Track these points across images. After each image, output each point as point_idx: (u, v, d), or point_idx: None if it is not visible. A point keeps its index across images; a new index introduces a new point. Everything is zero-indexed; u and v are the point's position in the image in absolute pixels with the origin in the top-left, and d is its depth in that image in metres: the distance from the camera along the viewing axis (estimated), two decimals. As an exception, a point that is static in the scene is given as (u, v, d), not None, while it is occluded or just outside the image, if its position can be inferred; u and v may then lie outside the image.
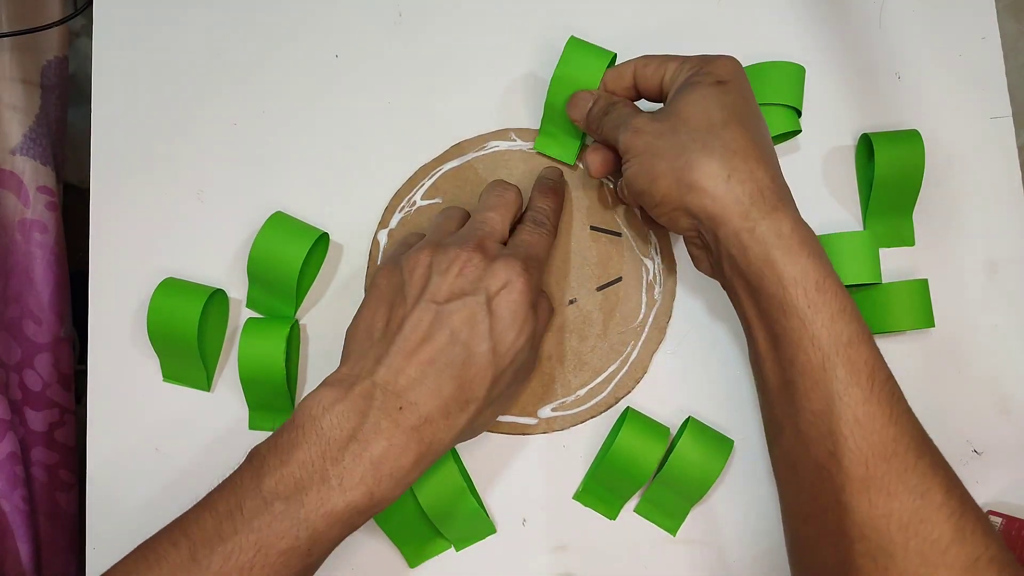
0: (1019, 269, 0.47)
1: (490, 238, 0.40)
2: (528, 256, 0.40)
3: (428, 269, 0.39)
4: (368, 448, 0.35)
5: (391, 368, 0.37)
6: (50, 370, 0.57)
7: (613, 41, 0.49)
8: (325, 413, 0.36)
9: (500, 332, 0.38)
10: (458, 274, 0.38)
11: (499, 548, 0.46)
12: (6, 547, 0.52)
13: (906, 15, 0.49)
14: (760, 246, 0.36)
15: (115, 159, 0.49)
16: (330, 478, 0.35)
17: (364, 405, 0.36)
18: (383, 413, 0.36)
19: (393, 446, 0.36)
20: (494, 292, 0.38)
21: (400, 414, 0.36)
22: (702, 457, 0.43)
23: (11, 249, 0.56)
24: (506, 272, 0.38)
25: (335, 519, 0.35)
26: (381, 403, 0.36)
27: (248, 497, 0.35)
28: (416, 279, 0.39)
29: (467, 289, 0.38)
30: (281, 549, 0.34)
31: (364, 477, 0.35)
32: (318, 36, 0.50)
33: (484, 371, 0.37)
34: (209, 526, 0.34)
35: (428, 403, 0.36)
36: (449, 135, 0.48)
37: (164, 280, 0.45)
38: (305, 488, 0.35)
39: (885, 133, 0.46)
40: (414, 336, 0.37)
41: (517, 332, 0.38)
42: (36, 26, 0.54)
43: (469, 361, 0.37)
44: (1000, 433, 0.46)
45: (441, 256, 0.39)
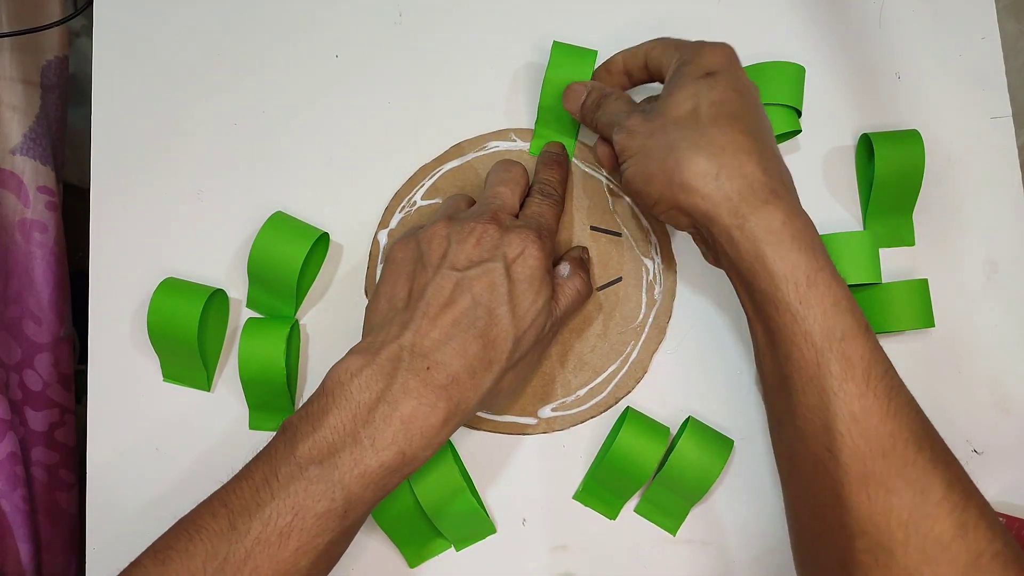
0: (1019, 269, 0.47)
1: (502, 211, 0.42)
2: (540, 226, 0.41)
3: (446, 239, 0.40)
4: (398, 408, 0.36)
5: (417, 331, 0.38)
6: (50, 370, 0.57)
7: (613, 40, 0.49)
8: (353, 378, 0.37)
9: (519, 295, 0.39)
10: (476, 243, 0.40)
11: (499, 548, 0.46)
12: (6, 547, 0.52)
13: (906, 15, 0.49)
14: (750, 242, 0.36)
15: (115, 159, 0.49)
16: (362, 439, 0.35)
17: (391, 367, 0.37)
18: (411, 373, 0.37)
19: (422, 404, 0.36)
20: (512, 259, 0.39)
21: (428, 374, 0.37)
22: (702, 457, 0.43)
23: (11, 249, 0.56)
24: (521, 240, 0.40)
25: (369, 479, 0.35)
26: (408, 364, 0.37)
27: (283, 464, 0.35)
28: (435, 248, 0.40)
29: (485, 256, 0.39)
30: (318, 512, 0.35)
31: (395, 436, 0.36)
32: (318, 36, 0.50)
33: (506, 331, 0.38)
34: (247, 494, 0.35)
35: (454, 362, 0.37)
36: (449, 135, 0.48)
37: (164, 280, 0.45)
38: (338, 451, 0.35)
39: (885, 133, 0.46)
40: (437, 301, 0.38)
41: (535, 294, 0.39)
42: (36, 26, 0.54)
43: (492, 322, 0.38)
44: (1000, 433, 0.46)
45: (458, 227, 0.40)
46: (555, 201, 0.44)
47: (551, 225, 0.43)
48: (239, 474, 0.36)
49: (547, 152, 0.47)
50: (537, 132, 0.48)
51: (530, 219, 0.42)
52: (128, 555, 0.37)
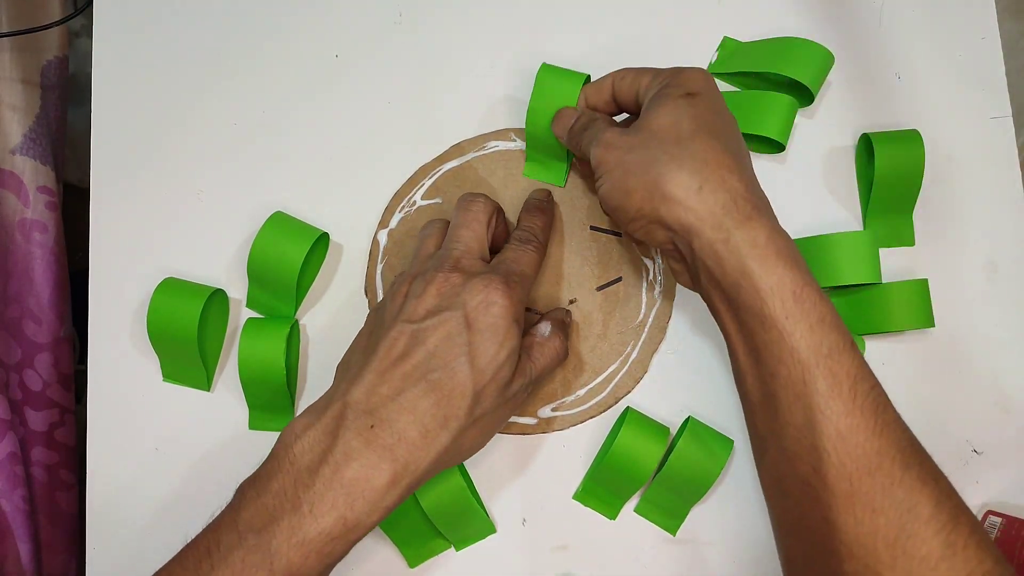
0: (1019, 269, 0.47)
1: (466, 256, 0.40)
2: (510, 272, 0.39)
3: (405, 296, 0.39)
4: (339, 471, 0.35)
5: (364, 387, 0.36)
6: (50, 370, 0.57)
7: (613, 38, 0.49)
8: (297, 440, 0.35)
9: (479, 345, 0.37)
10: (435, 293, 0.38)
11: (499, 548, 0.46)
12: (6, 547, 0.52)
13: (906, 15, 0.49)
14: (735, 256, 0.35)
15: (115, 159, 0.49)
16: (301, 505, 0.34)
17: (335, 426, 0.35)
18: (354, 432, 0.35)
19: (364, 466, 0.35)
20: (472, 307, 0.37)
21: (371, 432, 0.35)
22: (702, 457, 0.43)
23: (11, 249, 0.56)
24: (484, 287, 0.38)
25: (308, 548, 0.34)
26: (352, 422, 0.35)
27: (225, 532, 0.34)
28: (395, 305, 0.39)
29: (444, 306, 0.38)
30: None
31: (336, 502, 0.34)
32: (318, 36, 0.50)
33: (463, 386, 0.36)
34: (189, 565, 0.34)
35: (401, 419, 0.36)
36: (449, 135, 0.48)
37: (164, 280, 0.45)
38: (277, 519, 0.34)
39: (885, 133, 0.46)
40: (388, 355, 0.37)
41: (498, 346, 0.37)
42: (36, 26, 0.54)
43: (447, 376, 0.36)
44: (1000, 433, 0.46)
45: (419, 281, 0.39)
46: (533, 248, 0.42)
47: (525, 272, 0.41)
48: (190, 542, 0.36)
49: (532, 199, 0.46)
50: (529, 155, 0.48)
51: (500, 264, 0.40)
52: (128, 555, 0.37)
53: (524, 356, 0.40)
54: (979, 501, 0.46)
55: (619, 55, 0.48)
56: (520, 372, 0.39)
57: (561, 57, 0.47)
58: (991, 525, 0.44)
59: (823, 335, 0.34)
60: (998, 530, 0.44)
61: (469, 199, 0.42)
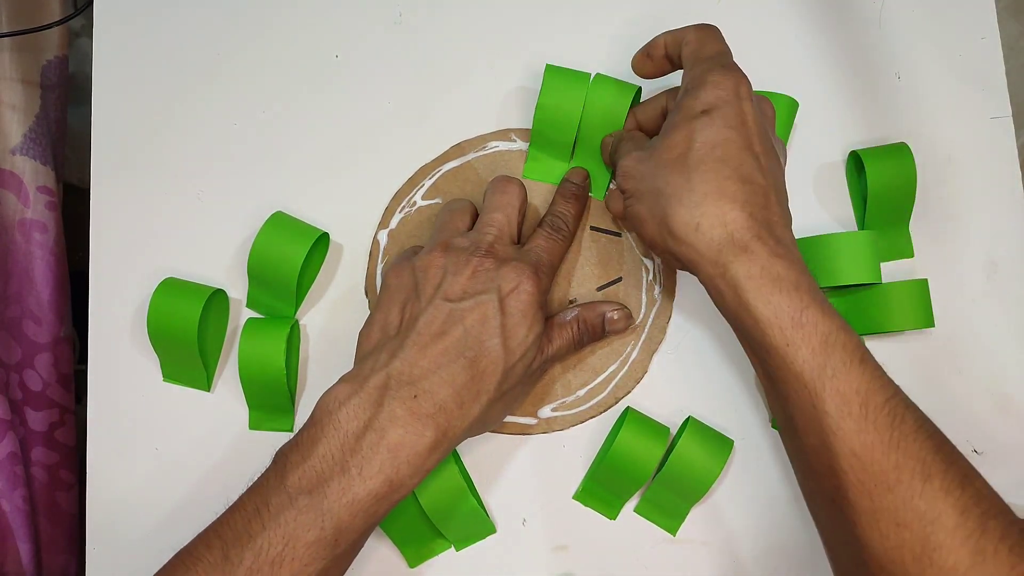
0: (1019, 269, 0.47)
1: (499, 241, 0.42)
2: (539, 261, 0.42)
3: (442, 270, 0.41)
4: (385, 436, 0.36)
5: (406, 360, 0.38)
6: (50, 370, 0.57)
7: (613, 38, 0.49)
8: (341, 407, 0.37)
9: (511, 328, 0.39)
10: (471, 276, 0.40)
11: (499, 548, 0.46)
12: (6, 547, 0.52)
13: (906, 15, 0.49)
14: (732, 290, 0.36)
15: (115, 159, 0.49)
16: (350, 468, 0.36)
17: (379, 395, 0.37)
18: (398, 402, 0.37)
19: (409, 432, 0.37)
20: (506, 292, 0.40)
21: (415, 402, 0.37)
22: (702, 457, 0.43)
23: (11, 249, 0.55)
24: (516, 275, 0.40)
25: (358, 508, 0.36)
26: (396, 392, 0.37)
27: (273, 494, 0.36)
28: (430, 278, 0.40)
29: (480, 288, 0.40)
30: (308, 541, 0.35)
31: (383, 464, 0.36)
32: (318, 36, 0.50)
33: (496, 364, 0.39)
34: (239, 525, 0.36)
35: (442, 392, 0.38)
36: (449, 135, 0.48)
37: (164, 280, 0.45)
38: (327, 480, 0.36)
39: (874, 149, 0.46)
40: (428, 331, 0.39)
41: (527, 329, 0.40)
42: (36, 26, 0.54)
43: (481, 354, 0.39)
44: (1000, 433, 0.46)
45: (454, 259, 0.41)
46: (563, 237, 0.44)
47: (552, 261, 0.43)
48: (233, 505, 0.37)
49: (569, 182, 0.46)
50: (531, 155, 0.48)
51: (530, 252, 0.42)
52: (128, 554, 0.37)
53: (543, 337, 0.42)
54: (979, 501, 0.46)
55: (619, 55, 0.48)
56: (539, 351, 0.42)
57: (561, 57, 0.47)
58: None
59: (826, 357, 0.34)
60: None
61: (504, 182, 0.44)
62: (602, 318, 0.44)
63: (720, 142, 0.37)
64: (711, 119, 0.38)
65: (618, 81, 0.45)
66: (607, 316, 0.44)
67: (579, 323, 0.44)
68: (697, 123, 0.38)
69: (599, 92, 0.44)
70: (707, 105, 0.38)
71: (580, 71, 0.45)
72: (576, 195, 0.46)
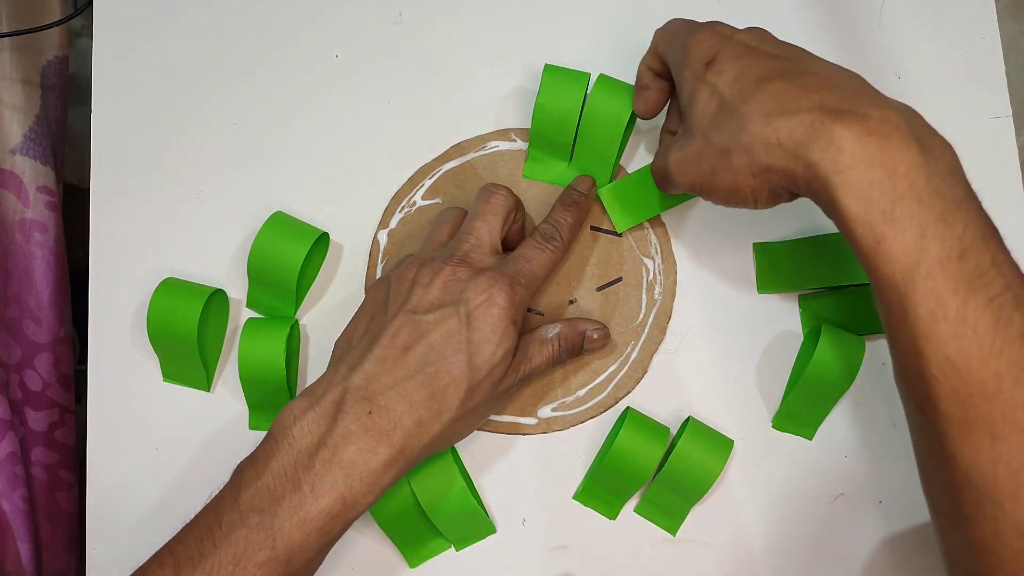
0: (1019, 269, 0.47)
1: (476, 249, 0.40)
2: (519, 272, 0.40)
3: (412, 283, 0.39)
4: (338, 452, 0.36)
5: (364, 374, 0.37)
6: (50, 370, 0.57)
7: (613, 37, 0.49)
8: (296, 422, 0.36)
9: (477, 344, 0.38)
10: (441, 286, 0.39)
11: (499, 548, 0.46)
12: (6, 547, 0.52)
13: (906, 15, 0.49)
14: (824, 189, 0.32)
15: (115, 159, 0.49)
16: (302, 485, 0.35)
17: (334, 411, 0.36)
18: (352, 417, 0.36)
19: (363, 450, 0.36)
20: (474, 305, 0.38)
21: (369, 418, 0.36)
22: (702, 457, 0.43)
23: (11, 249, 0.55)
24: (488, 286, 0.38)
25: (310, 527, 0.35)
26: (351, 407, 0.36)
27: (226, 512, 0.35)
28: (400, 290, 0.39)
29: (447, 300, 0.38)
30: (258, 561, 0.34)
31: (335, 482, 0.35)
32: (318, 36, 0.50)
33: (458, 382, 0.37)
34: (191, 544, 0.35)
35: (398, 408, 0.37)
36: (449, 135, 0.48)
37: (164, 280, 0.45)
38: (279, 498, 0.35)
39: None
40: (391, 344, 0.38)
41: (495, 346, 0.38)
42: (36, 26, 0.54)
43: (444, 371, 0.37)
44: (1000, 433, 0.46)
45: (426, 269, 0.39)
46: (553, 248, 0.42)
47: (535, 272, 0.40)
48: (190, 522, 0.36)
49: (573, 190, 0.45)
50: (530, 155, 0.48)
51: (511, 262, 0.40)
52: (128, 555, 0.37)
53: (520, 354, 0.41)
54: (979, 501, 0.46)
55: (619, 54, 0.48)
56: (513, 369, 0.40)
57: (561, 57, 0.47)
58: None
59: (920, 253, 0.31)
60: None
61: (491, 191, 0.42)
62: (582, 336, 0.43)
63: (742, 73, 0.35)
64: (717, 64, 0.36)
65: (621, 82, 0.45)
66: (587, 334, 0.43)
67: (560, 340, 0.42)
68: (709, 75, 0.36)
69: (602, 93, 0.44)
70: (704, 58, 0.37)
71: (579, 71, 0.45)
72: (577, 203, 0.44)
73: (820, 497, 0.46)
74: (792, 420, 0.46)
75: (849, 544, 0.45)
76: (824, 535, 0.45)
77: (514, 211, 0.42)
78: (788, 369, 0.46)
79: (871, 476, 0.46)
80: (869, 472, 0.46)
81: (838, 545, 0.45)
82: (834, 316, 0.46)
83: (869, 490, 0.46)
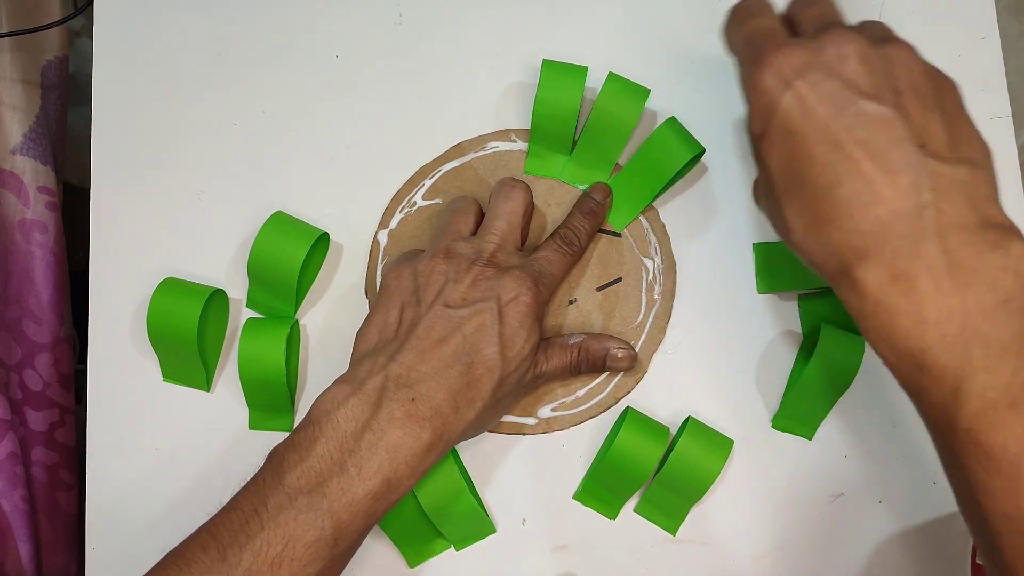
0: (1019, 269, 0.47)
1: (501, 249, 0.42)
2: (542, 272, 0.42)
3: (444, 276, 0.41)
4: (383, 436, 0.37)
5: (404, 363, 0.39)
6: (50, 370, 0.57)
7: (613, 37, 0.49)
8: (339, 407, 0.37)
9: (508, 337, 0.40)
10: (471, 284, 0.40)
11: (499, 548, 0.46)
12: (6, 547, 0.52)
13: (906, 15, 0.49)
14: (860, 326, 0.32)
15: (115, 159, 0.49)
16: (348, 468, 0.36)
17: (377, 397, 0.38)
18: (396, 403, 0.37)
19: (407, 433, 0.37)
20: (505, 302, 0.40)
21: (412, 404, 0.38)
22: (702, 457, 0.43)
23: (11, 249, 0.55)
24: (516, 285, 0.40)
25: (357, 507, 0.36)
26: (394, 394, 0.38)
27: (272, 494, 0.36)
28: (432, 284, 0.41)
29: (479, 296, 0.40)
30: (308, 541, 0.35)
31: (381, 464, 0.36)
32: (318, 36, 0.50)
33: (492, 371, 0.39)
34: (236, 526, 0.35)
35: (438, 395, 0.38)
36: (449, 135, 0.48)
37: (164, 280, 0.45)
38: (326, 480, 0.36)
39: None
40: (428, 336, 0.39)
41: (524, 340, 0.40)
42: (36, 26, 0.54)
43: (478, 361, 0.39)
44: (1000, 433, 0.46)
45: (456, 265, 0.41)
46: (571, 253, 0.44)
47: (555, 274, 0.43)
48: (227, 505, 0.37)
49: (590, 198, 0.46)
50: (531, 151, 0.48)
51: (534, 262, 0.42)
52: (128, 555, 0.37)
53: (540, 352, 0.42)
54: (979, 501, 0.46)
55: (619, 54, 0.48)
56: (533, 364, 0.42)
57: (561, 57, 0.47)
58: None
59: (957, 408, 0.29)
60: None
61: (509, 186, 0.44)
62: (606, 352, 0.44)
63: (787, 161, 0.32)
64: (768, 142, 0.33)
65: (631, 82, 0.45)
66: (611, 352, 0.44)
67: (581, 350, 0.44)
68: (761, 155, 0.33)
69: (612, 93, 0.45)
70: (759, 126, 0.33)
71: (577, 65, 0.45)
72: (595, 212, 0.45)
73: (820, 497, 0.46)
74: (792, 420, 0.46)
75: (849, 544, 0.45)
76: (824, 535, 0.45)
77: (531, 205, 0.45)
78: (788, 369, 0.46)
79: (871, 476, 0.46)
80: (869, 472, 0.46)
81: (838, 545, 0.45)
82: (834, 316, 0.46)
83: (869, 490, 0.46)
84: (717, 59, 0.49)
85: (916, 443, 0.46)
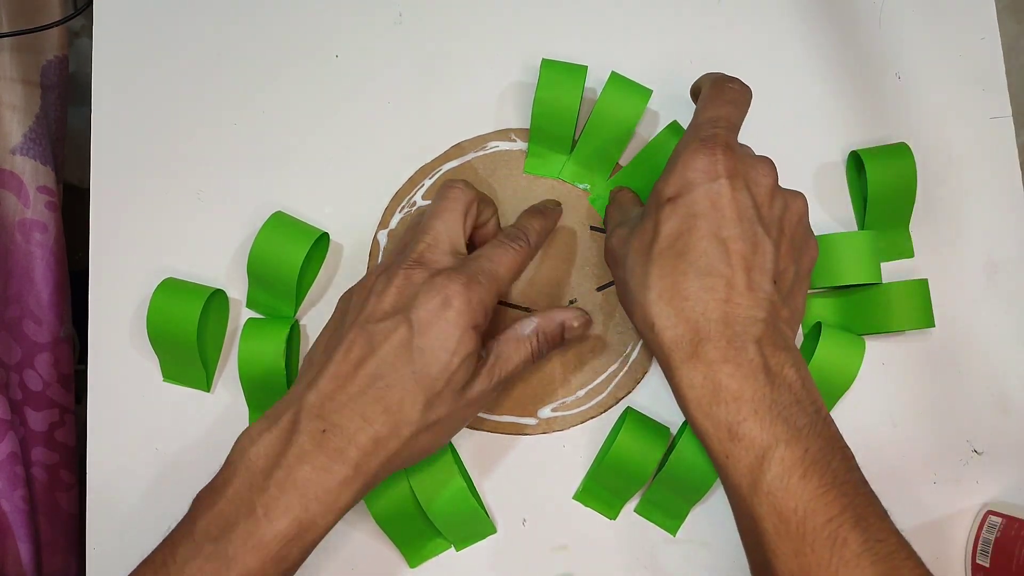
0: (1019, 269, 0.47)
1: (432, 249, 0.38)
2: (479, 270, 0.37)
3: (368, 291, 0.38)
4: (292, 472, 0.34)
5: (318, 392, 0.36)
6: (50, 370, 0.57)
7: (613, 37, 0.49)
8: (253, 444, 0.35)
9: (430, 352, 0.35)
10: (396, 291, 0.37)
11: (499, 548, 0.46)
12: (6, 547, 0.52)
13: (906, 15, 0.49)
14: (679, 396, 0.36)
15: (115, 159, 0.49)
16: (256, 509, 0.34)
17: (289, 431, 0.35)
18: (307, 436, 0.35)
19: (317, 468, 0.34)
20: (427, 310, 0.36)
21: (324, 437, 0.35)
22: (702, 457, 0.43)
23: (11, 249, 0.55)
24: (443, 287, 0.36)
25: (264, 552, 0.34)
26: (305, 426, 0.35)
27: (182, 543, 0.34)
28: (358, 302, 0.38)
29: (400, 307, 0.36)
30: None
31: (290, 504, 0.34)
32: (318, 36, 0.50)
33: (413, 394, 0.35)
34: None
35: (351, 425, 0.35)
36: (449, 135, 0.48)
37: (164, 280, 0.45)
38: (233, 524, 0.34)
39: (874, 149, 0.46)
40: (345, 360, 0.36)
41: (450, 353, 0.36)
42: (36, 26, 0.54)
43: (396, 384, 0.35)
44: (1000, 433, 0.46)
45: (383, 276, 0.38)
46: (517, 248, 0.39)
47: (497, 272, 0.38)
48: (146, 557, 0.35)
49: (538, 203, 0.45)
50: (531, 151, 0.48)
51: (473, 261, 0.38)
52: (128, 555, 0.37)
53: (493, 356, 0.39)
54: (979, 501, 0.46)
55: (619, 54, 0.48)
56: (486, 374, 0.38)
57: (561, 57, 0.47)
58: (991, 525, 0.44)
59: (761, 473, 0.33)
60: (998, 530, 0.44)
61: (447, 186, 0.40)
62: (561, 327, 0.41)
63: (681, 232, 0.36)
64: (675, 208, 0.36)
65: (633, 83, 0.45)
66: (566, 324, 0.41)
67: (538, 336, 0.40)
68: (662, 213, 0.37)
69: (614, 93, 0.45)
70: (674, 191, 0.36)
71: (576, 64, 0.45)
72: (543, 212, 0.43)
73: (820, 497, 0.46)
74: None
75: (849, 544, 0.45)
76: (824, 535, 0.45)
77: (475, 205, 0.40)
78: (788, 369, 0.46)
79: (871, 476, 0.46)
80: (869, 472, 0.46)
81: (838, 545, 0.45)
82: (834, 316, 0.46)
83: (869, 490, 0.46)
84: (717, 59, 0.49)
85: (916, 443, 0.46)
